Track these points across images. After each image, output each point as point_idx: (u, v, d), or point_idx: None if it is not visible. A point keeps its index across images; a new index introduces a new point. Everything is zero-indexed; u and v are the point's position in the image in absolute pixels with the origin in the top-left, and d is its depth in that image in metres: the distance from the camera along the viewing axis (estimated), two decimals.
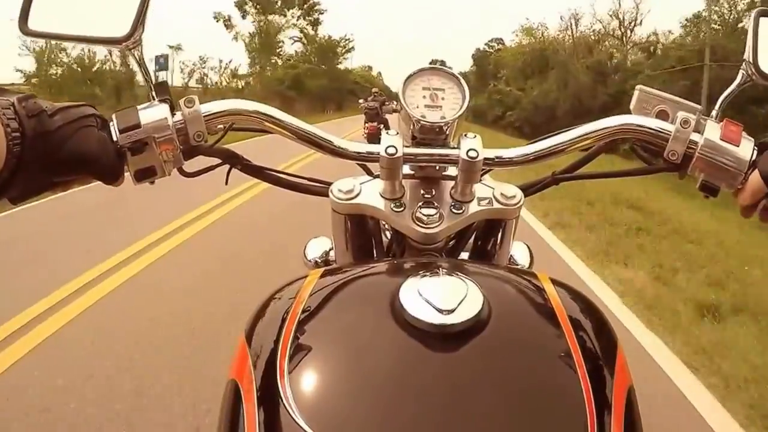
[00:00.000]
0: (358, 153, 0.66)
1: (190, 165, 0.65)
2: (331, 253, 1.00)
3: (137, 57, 0.62)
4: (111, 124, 0.58)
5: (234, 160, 0.71)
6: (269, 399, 0.42)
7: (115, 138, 0.58)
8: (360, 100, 12.14)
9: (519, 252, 1.02)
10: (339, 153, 0.66)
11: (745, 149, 0.59)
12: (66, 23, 0.61)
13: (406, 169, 0.65)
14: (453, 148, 0.64)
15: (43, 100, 0.55)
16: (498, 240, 0.71)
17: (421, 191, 0.65)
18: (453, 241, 0.75)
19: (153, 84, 0.62)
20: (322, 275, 0.56)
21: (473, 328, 0.44)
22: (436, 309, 0.44)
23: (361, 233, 0.72)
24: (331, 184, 0.66)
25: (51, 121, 0.53)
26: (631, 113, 0.65)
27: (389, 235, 0.78)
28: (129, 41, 0.61)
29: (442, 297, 0.45)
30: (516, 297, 0.54)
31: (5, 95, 0.52)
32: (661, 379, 2.49)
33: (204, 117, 0.62)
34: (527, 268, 1.00)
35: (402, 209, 0.63)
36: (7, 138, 0.49)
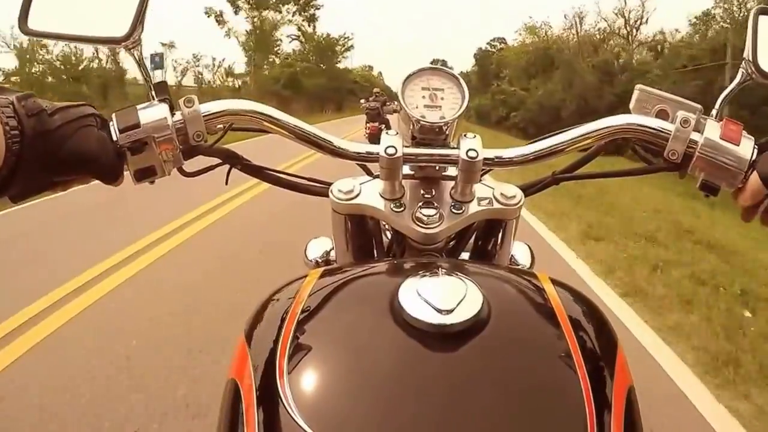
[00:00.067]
0: (357, 153, 0.66)
1: (189, 165, 0.65)
2: (332, 253, 1.00)
3: (136, 57, 0.62)
4: (111, 123, 0.59)
5: (234, 160, 0.71)
6: (269, 398, 0.42)
7: (115, 138, 0.58)
8: (361, 100, 12.16)
9: (520, 252, 1.02)
10: (339, 153, 0.66)
11: (746, 148, 0.59)
12: (66, 23, 0.61)
13: (406, 170, 0.65)
14: (453, 148, 0.64)
15: (43, 99, 0.55)
16: (498, 240, 0.71)
17: (421, 191, 0.65)
18: (453, 242, 0.75)
19: (152, 84, 0.62)
20: (321, 275, 0.56)
21: (472, 328, 0.44)
22: (435, 309, 0.44)
23: (361, 233, 0.72)
24: (331, 184, 0.66)
25: (50, 121, 0.53)
26: (631, 113, 0.65)
27: (389, 236, 0.78)
28: (128, 41, 0.61)
29: (441, 297, 0.45)
30: (515, 297, 0.54)
31: (5, 94, 0.52)
32: None
33: (203, 117, 0.62)
34: (528, 268, 1.00)
35: (402, 209, 0.63)
36: (6, 137, 0.49)
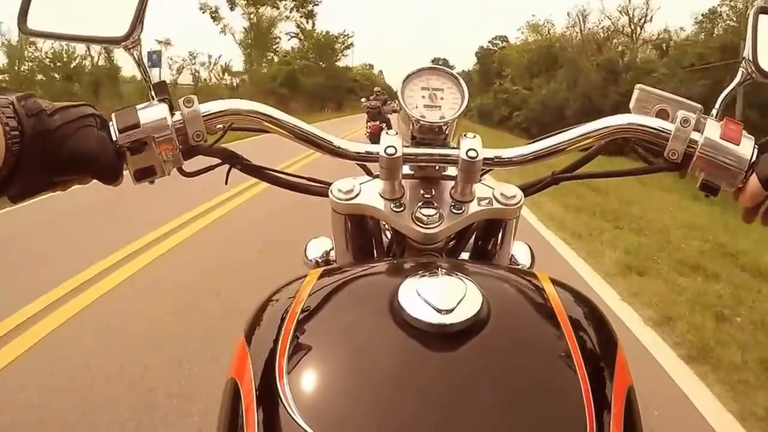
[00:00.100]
0: (357, 153, 0.66)
1: (189, 165, 0.65)
2: (332, 253, 1.00)
3: (136, 56, 0.62)
4: (110, 123, 0.58)
5: (233, 159, 0.71)
6: (268, 398, 0.42)
7: (115, 138, 0.58)
8: (362, 99, 12.16)
9: (520, 252, 1.02)
10: (338, 153, 0.66)
11: (746, 148, 0.59)
12: (65, 23, 0.61)
13: (405, 169, 0.65)
14: (453, 148, 0.64)
15: (43, 99, 0.55)
16: (498, 240, 0.71)
17: (421, 191, 0.65)
18: (453, 241, 0.75)
19: (152, 84, 0.62)
20: (321, 275, 0.56)
21: (472, 327, 0.44)
22: (434, 309, 0.44)
23: (361, 233, 0.72)
24: (331, 184, 0.66)
25: (50, 121, 0.53)
26: (631, 112, 0.65)
27: (389, 235, 0.78)
28: (128, 41, 0.61)
29: (440, 297, 0.45)
30: (515, 297, 0.54)
31: (5, 94, 0.52)
32: None
33: (203, 117, 0.62)
34: (528, 268, 1.00)
35: (402, 209, 0.63)
36: (6, 137, 0.49)
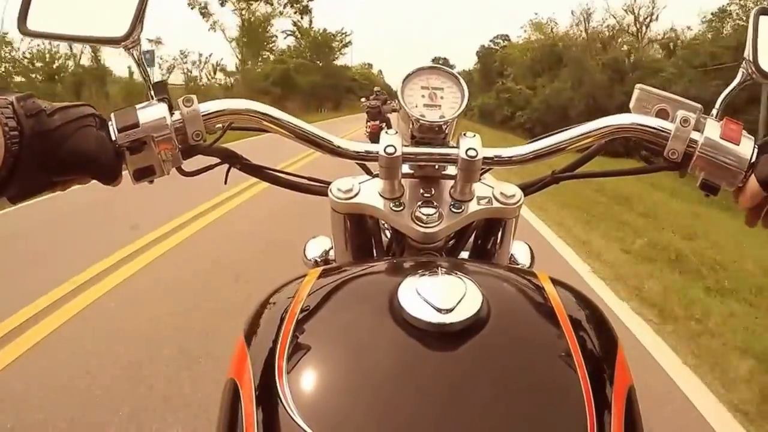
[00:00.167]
0: (357, 152, 0.66)
1: (188, 164, 0.65)
2: (331, 253, 1.00)
3: (136, 56, 0.62)
4: (109, 123, 0.59)
5: (233, 159, 0.71)
6: (268, 398, 0.42)
7: (114, 137, 0.58)
8: (362, 98, 12.15)
9: (520, 251, 1.02)
10: (338, 152, 0.66)
11: (746, 148, 0.59)
12: (65, 23, 0.61)
13: (405, 169, 0.65)
14: (452, 147, 0.64)
15: (42, 100, 0.55)
16: (498, 239, 0.71)
17: (421, 190, 0.65)
18: (453, 241, 0.75)
19: (151, 83, 0.62)
20: (320, 274, 0.56)
21: (472, 327, 0.44)
22: (434, 308, 0.44)
23: (361, 232, 0.72)
24: (331, 183, 0.66)
25: (49, 121, 0.53)
26: (631, 112, 0.65)
27: (389, 235, 0.78)
28: (128, 41, 0.61)
29: (440, 296, 0.45)
30: (515, 296, 0.54)
31: (4, 94, 0.52)
32: None
33: (202, 116, 0.62)
34: (528, 267, 1.00)
35: (401, 208, 0.63)
36: (5, 137, 0.50)
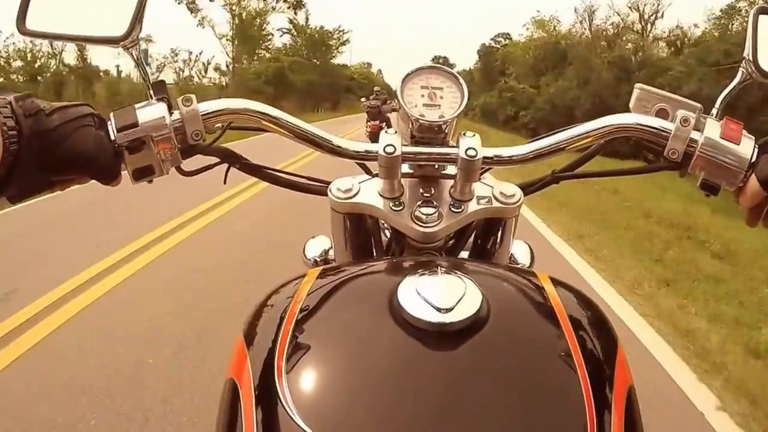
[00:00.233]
0: (356, 152, 0.66)
1: (188, 164, 0.65)
2: (331, 252, 1.00)
3: (135, 56, 0.62)
4: (108, 123, 0.58)
5: (232, 159, 0.71)
6: (267, 398, 0.42)
7: (113, 137, 0.58)
8: (362, 98, 12.15)
9: (520, 251, 1.02)
10: (338, 152, 0.66)
11: (746, 147, 0.59)
12: (64, 23, 0.61)
13: (405, 168, 0.65)
14: (452, 146, 0.64)
15: (41, 99, 0.55)
16: (498, 239, 0.71)
17: (420, 190, 0.65)
18: (452, 240, 0.75)
19: (150, 83, 0.62)
20: (320, 274, 0.56)
21: (472, 326, 0.44)
22: (434, 307, 0.44)
23: (360, 232, 0.72)
24: (330, 183, 0.66)
25: (48, 120, 0.53)
26: (631, 112, 0.65)
27: (388, 234, 0.78)
28: (127, 40, 0.61)
29: (440, 295, 0.45)
30: (515, 295, 0.54)
31: (2, 94, 0.52)
32: None
33: (202, 116, 0.62)
34: (528, 267, 1.00)
35: (401, 208, 0.63)
36: (4, 136, 0.49)
